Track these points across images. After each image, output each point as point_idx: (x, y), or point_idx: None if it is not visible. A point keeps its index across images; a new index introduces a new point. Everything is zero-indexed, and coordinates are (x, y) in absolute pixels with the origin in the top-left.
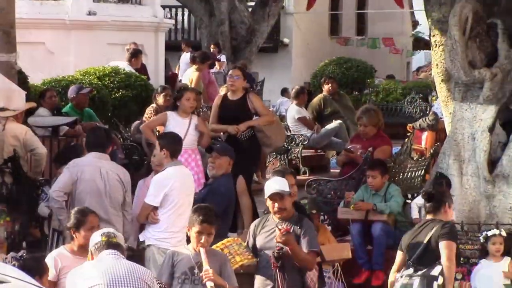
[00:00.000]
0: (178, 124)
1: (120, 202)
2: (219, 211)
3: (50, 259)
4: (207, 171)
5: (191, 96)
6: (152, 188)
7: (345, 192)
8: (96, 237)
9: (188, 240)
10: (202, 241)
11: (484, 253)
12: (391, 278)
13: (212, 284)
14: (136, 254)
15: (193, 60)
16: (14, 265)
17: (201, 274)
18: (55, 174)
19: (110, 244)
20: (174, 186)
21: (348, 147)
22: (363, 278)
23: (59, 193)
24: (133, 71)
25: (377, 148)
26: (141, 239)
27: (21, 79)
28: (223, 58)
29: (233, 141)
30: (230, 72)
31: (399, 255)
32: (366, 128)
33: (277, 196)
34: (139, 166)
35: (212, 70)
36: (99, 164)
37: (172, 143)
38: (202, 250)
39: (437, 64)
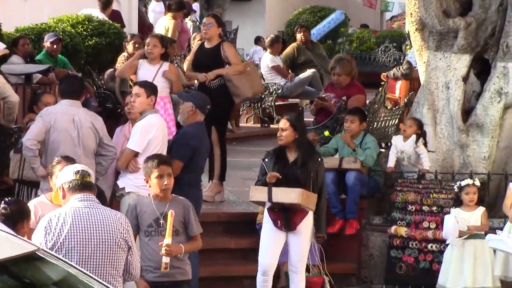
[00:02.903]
0: (146, 71)
1: (93, 150)
2: (185, 160)
3: (30, 206)
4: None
5: (151, 41)
6: (136, 134)
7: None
8: (69, 174)
9: None
10: (166, 183)
11: (458, 202)
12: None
13: (168, 260)
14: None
15: (168, 8)
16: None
17: (160, 243)
18: (24, 123)
19: (84, 184)
20: (157, 134)
21: (322, 95)
22: (337, 227)
23: (32, 142)
24: (106, 19)
25: (351, 97)
26: (120, 186)
27: None
28: (195, 7)
29: (205, 89)
30: (204, 20)
31: None
32: (340, 77)
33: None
34: (112, 114)
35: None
36: (71, 112)
37: (157, 91)
38: (169, 217)
39: (411, 13)
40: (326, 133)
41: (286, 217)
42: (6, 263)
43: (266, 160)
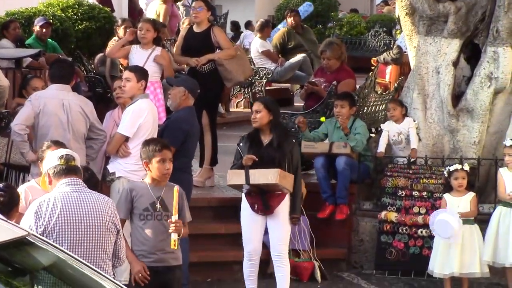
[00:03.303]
0: (138, 55)
1: (83, 134)
2: (177, 144)
3: (21, 190)
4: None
5: (143, 26)
6: (126, 119)
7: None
8: (53, 159)
9: None
10: (168, 167)
11: (448, 187)
12: None
13: (177, 237)
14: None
15: None
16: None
17: (169, 221)
18: (12, 107)
19: (69, 169)
20: (148, 118)
21: (312, 80)
22: (327, 212)
23: (21, 127)
24: (96, 3)
25: (341, 82)
26: (111, 171)
27: None
28: None
29: (196, 74)
30: (193, 4)
31: None
32: (330, 61)
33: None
34: (102, 99)
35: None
36: (61, 96)
37: (147, 75)
38: (175, 193)
39: None
40: (323, 118)
41: (263, 200)
42: None
43: (241, 144)
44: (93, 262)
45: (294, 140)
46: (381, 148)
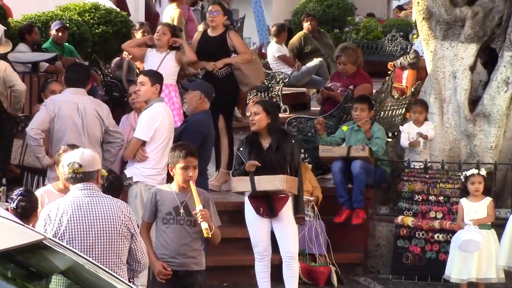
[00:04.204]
0: (153, 58)
1: (98, 138)
2: (196, 148)
3: (37, 195)
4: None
5: (160, 29)
6: (142, 123)
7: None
8: (69, 163)
9: (170, 180)
10: (191, 174)
11: (464, 192)
12: None
13: (207, 226)
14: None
15: None
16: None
17: (194, 212)
18: (34, 113)
19: (76, 178)
20: (164, 122)
21: (329, 85)
22: (344, 217)
23: (36, 131)
24: (114, 7)
25: (357, 86)
26: (128, 175)
27: (0, 15)
28: None
29: (211, 78)
30: (210, 8)
31: None
32: (345, 66)
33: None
34: (119, 103)
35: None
36: (76, 100)
37: (162, 79)
38: (193, 188)
39: (418, 2)
40: (345, 128)
41: (268, 204)
42: (13, 252)
43: (241, 149)
44: (106, 266)
45: (293, 141)
46: (406, 143)
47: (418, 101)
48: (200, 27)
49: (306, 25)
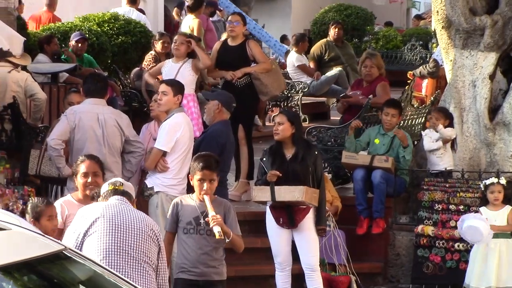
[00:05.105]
0: (170, 69)
1: (118, 148)
2: None
3: (57, 205)
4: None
5: (178, 39)
6: (163, 134)
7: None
8: (104, 187)
9: (191, 190)
10: (205, 188)
11: (484, 201)
12: None
13: (220, 229)
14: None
15: (188, 9)
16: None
17: (206, 219)
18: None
19: (116, 191)
20: (184, 132)
21: (349, 93)
22: (365, 227)
23: (56, 141)
24: (137, 13)
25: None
26: (149, 185)
27: (19, 26)
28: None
29: (231, 88)
30: (230, 18)
31: None
32: (372, 69)
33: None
34: (139, 113)
35: (213, 18)
36: (96, 110)
37: (183, 90)
38: (206, 197)
39: (437, 11)
40: (377, 141)
41: (289, 214)
42: (34, 262)
43: (264, 159)
44: (136, 262)
45: (316, 152)
46: (430, 145)
47: (436, 108)
48: (224, 36)
49: (332, 32)
